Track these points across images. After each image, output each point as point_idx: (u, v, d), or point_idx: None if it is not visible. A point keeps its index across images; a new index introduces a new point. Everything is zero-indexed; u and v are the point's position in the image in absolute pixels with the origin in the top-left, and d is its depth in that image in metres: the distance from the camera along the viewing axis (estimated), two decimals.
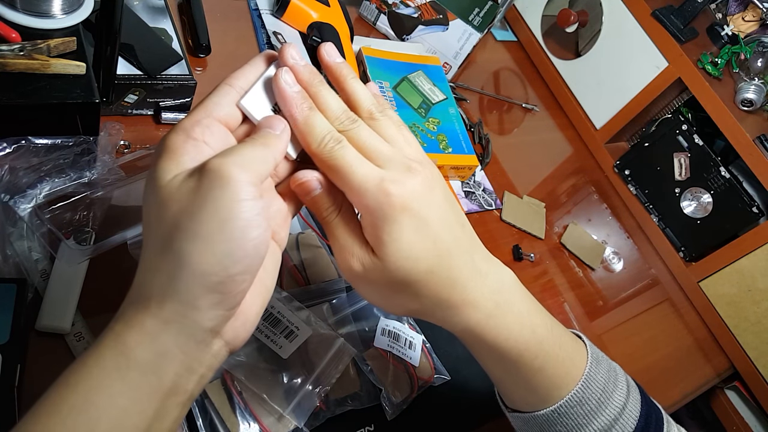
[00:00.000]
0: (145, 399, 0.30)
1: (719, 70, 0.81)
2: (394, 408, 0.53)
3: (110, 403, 0.30)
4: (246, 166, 0.31)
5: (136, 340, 0.30)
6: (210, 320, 0.31)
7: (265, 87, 0.35)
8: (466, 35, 0.86)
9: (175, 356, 0.31)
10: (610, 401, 0.43)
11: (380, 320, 0.57)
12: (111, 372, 0.30)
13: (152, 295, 0.31)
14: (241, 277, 0.31)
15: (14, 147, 0.49)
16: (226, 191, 0.30)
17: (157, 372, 0.31)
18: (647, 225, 0.90)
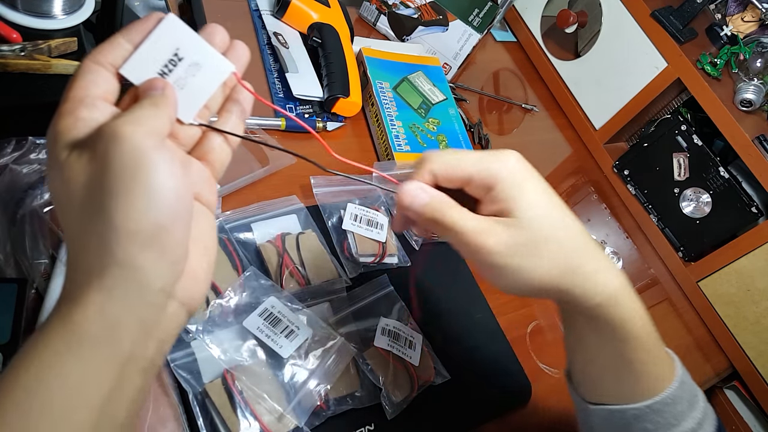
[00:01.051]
0: (100, 371, 0.30)
1: (718, 71, 0.81)
2: (394, 407, 0.53)
3: (63, 381, 0.29)
4: (138, 122, 0.31)
5: (83, 316, 0.30)
6: (157, 278, 0.31)
7: (147, 52, 0.34)
8: (466, 36, 0.86)
9: (127, 324, 0.31)
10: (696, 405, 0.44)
11: (380, 320, 0.57)
12: (61, 351, 0.30)
13: (90, 269, 0.30)
14: (172, 228, 0.31)
15: (15, 147, 0.49)
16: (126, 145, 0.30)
17: (111, 342, 0.30)
18: (646, 225, 0.90)
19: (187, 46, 0.34)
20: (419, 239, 0.67)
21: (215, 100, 0.38)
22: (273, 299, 0.52)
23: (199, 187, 0.36)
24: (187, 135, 0.37)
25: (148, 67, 0.34)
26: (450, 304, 0.64)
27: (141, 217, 0.30)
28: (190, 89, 0.35)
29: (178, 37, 0.34)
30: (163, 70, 0.34)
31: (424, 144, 0.74)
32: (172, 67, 0.34)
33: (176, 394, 0.48)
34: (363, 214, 0.64)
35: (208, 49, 0.35)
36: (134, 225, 0.29)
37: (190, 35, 0.34)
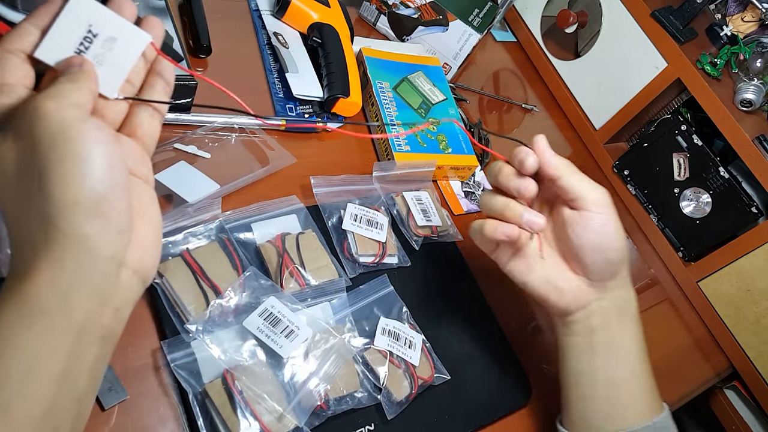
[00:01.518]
0: (55, 341, 0.30)
1: (718, 71, 0.81)
2: (394, 408, 0.53)
3: (19, 353, 0.30)
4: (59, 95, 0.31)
5: (35, 288, 0.30)
6: (105, 246, 0.32)
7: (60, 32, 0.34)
8: (466, 36, 0.86)
9: (80, 292, 0.31)
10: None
11: (380, 320, 0.57)
12: (14, 324, 0.30)
13: (36, 244, 0.31)
14: (111, 196, 0.31)
15: None
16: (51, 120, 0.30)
17: (64, 312, 0.31)
18: (646, 225, 0.90)
19: (100, 22, 0.34)
20: (419, 239, 0.67)
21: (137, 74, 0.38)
22: (273, 299, 0.53)
23: (132, 163, 0.36)
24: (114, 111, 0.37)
25: (62, 47, 0.34)
26: (450, 304, 0.64)
27: (78, 186, 0.30)
28: (110, 64, 0.35)
29: (89, 13, 0.34)
30: (79, 48, 0.34)
31: (424, 144, 0.74)
32: (88, 45, 0.34)
33: (176, 394, 0.48)
34: (363, 214, 0.64)
35: (123, 22, 0.35)
36: (73, 195, 0.30)
37: (102, 10, 0.34)
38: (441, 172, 0.76)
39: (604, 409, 0.51)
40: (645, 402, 0.51)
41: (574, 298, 0.51)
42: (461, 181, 0.79)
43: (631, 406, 0.51)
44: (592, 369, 0.51)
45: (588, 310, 0.51)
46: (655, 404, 0.52)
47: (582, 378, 0.52)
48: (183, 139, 0.61)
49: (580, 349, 0.52)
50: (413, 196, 0.69)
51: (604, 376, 0.51)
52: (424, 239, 0.67)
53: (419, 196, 0.70)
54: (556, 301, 0.52)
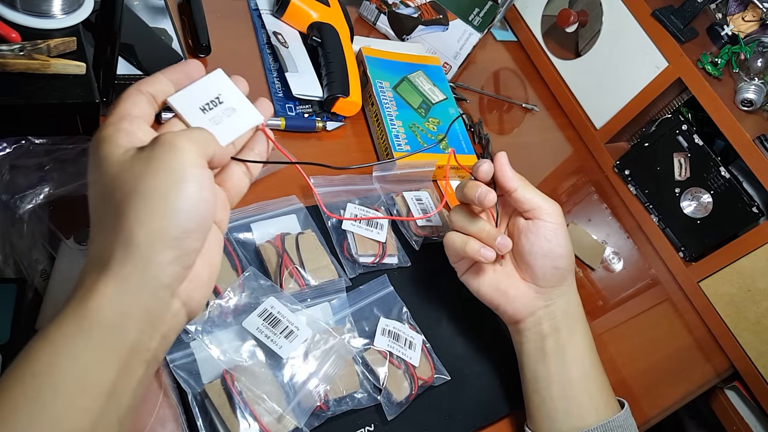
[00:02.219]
0: (108, 357, 0.32)
1: (719, 70, 0.81)
2: (394, 408, 0.53)
3: (73, 363, 0.31)
4: (194, 141, 0.35)
5: (98, 302, 0.32)
6: (168, 276, 0.34)
7: (195, 91, 0.40)
8: (466, 35, 0.86)
9: (137, 314, 0.33)
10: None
11: (380, 320, 0.57)
12: (74, 336, 0.31)
13: (112, 257, 0.33)
14: (195, 235, 0.35)
15: (14, 147, 0.49)
16: (179, 156, 0.34)
17: (120, 330, 0.32)
18: (647, 225, 0.90)
19: (227, 94, 0.41)
20: (419, 239, 0.67)
21: (241, 139, 0.43)
22: (272, 300, 0.52)
23: None
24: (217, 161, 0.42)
25: (193, 102, 0.40)
26: (450, 305, 0.64)
27: (172, 218, 0.33)
28: (224, 127, 0.41)
29: (222, 85, 0.41)
30: (205, 107, 0.40)
31: (424, 144, 0.74)
32: (212, 107, 0.41)
33: (175, 395, 0.48)
34: (363, 214, 0.64)
35: (245, 101, 0.42)
36: (164, 223, 0.33)
37: (232, 87, 0.42)
38: (441, 172, 0.75)
39: (563, 409, 0.54)
40: (602, 400, 0.55)
41: (523, 305, 0.56)
42: (461, 181, 0.79)
43: (589, 404, 0.54)
44: (547, 372, 0.55)
45: (536, 316, 0.56)
46: (611, 403, 0.56)
47: (539, 382, 0.56)
48: None
49: (533, 354, 0.56)
50: (413, 196, 0.69)
51: (558, 379, 0.54)
52: (424, 239, 0.67)
53: (419, 196, 0.69)
54: (506, 307, 0.57)
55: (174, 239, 0.33)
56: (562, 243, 0.55)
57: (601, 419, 0.53)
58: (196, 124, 0.40)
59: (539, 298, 0.56)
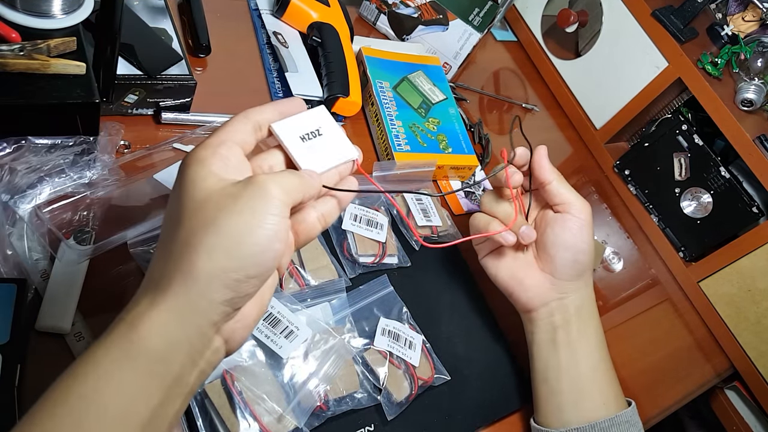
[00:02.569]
0: (152, 387, 0.32)
1: (719, 70, 0.81)
2: (394, 408, 0.53)
3: (119, 390, 0.31)
4: (285, 188, 0.35)
5: (148, 329, 0.32)
6: (217, 314, 0.34)
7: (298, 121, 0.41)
8: (466, 35, 0.86)
9: (183, 347, 0.33)
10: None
11: (380, 320, 0.57)
12: (121, 361, 0.31)
13: (170, 285, 0.33)
14: (255, 281, 0.34)
15: (14, 147, 0.49)
16: (266, 203, 0.34)
17: (166, 361, 0.32)
18: (647, 225, 0.90)
19: (327, 129, 0.42)
20: None
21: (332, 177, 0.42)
22: (273, 299, 0.52)
23: None
24: None
25: (294, 131, 0.41)
26: (450, 305, 0.64)
27: (238, 262, 0.33)
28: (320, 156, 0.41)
29: (324, 120, 0.43)
30: (305, 136, 0.41)
31: (424, 144, 0.74)
32: (312, 137, 0.42)
33: None
34: (363, 214, 0.64)
35: (343, 137, 0.43)
36: (229, 265, 0.33)
37: (333, 123, 0.43)
38: (441, 172, 0.75)
39: (572, 401, 0.55)
40: (611, 395, 0.55)
41: (536, 295, 0.57)
42: (461, 181, 0.79)
43: (599, 398, 0.55)
44: (557, 364, 0.56)
45: (549, 307, 0.57)
46: (620, 400, 0.56)
47: (549, 373, 0.56)
48: (182, 138, 0.61)
49: (544, 344, 0.57)
50: (413, 196, 0.69)
51: (568, 370, 0.55)
52: (423, 239, 0.67)
53: (419, 196, 0.69)
54: (519, 295, 0.58)
55: (234, 281, 0.33)
56: (585, 239, 0.56)
57: (610, 413, 0.54)
58: (295, 150, 0.40)
59: (554, 290, 0.57)
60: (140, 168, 0.57)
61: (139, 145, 0.59)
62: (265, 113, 0.40)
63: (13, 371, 0.42)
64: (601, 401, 0.55)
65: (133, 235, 0.51)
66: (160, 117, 0.61)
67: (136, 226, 0.51)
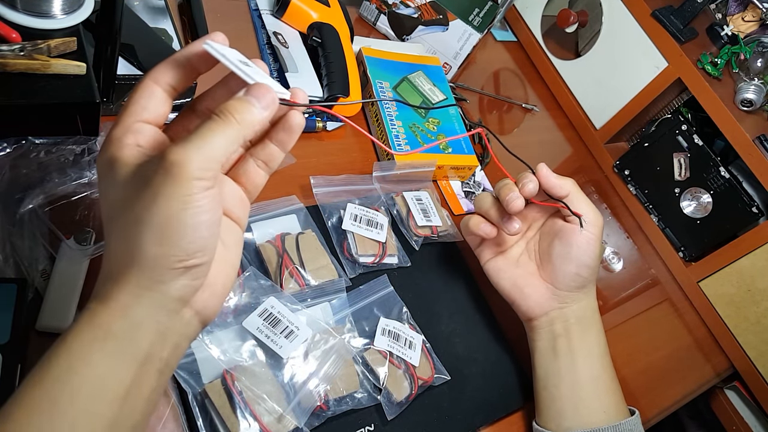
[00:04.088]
0: (122, 366, 0.33)
1: (719, 70, 0.81)
2: (394, 408, 0.53)
3: (90, 371, 0.32)
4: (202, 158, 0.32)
5: (111, 314, 0.33)
6: (177, 290, 0.34)
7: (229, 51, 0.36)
8: (466, 35, 0.86)
9: (148, 326, 0.34)
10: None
11: (380, 320, 0.57)
12: (90, 343, 0.33)
13: (123, 273, 0.33)
14: (199, 254, 0.34)
15: (14, 147, 0.49)
16: (177, 187, 0.32)
17: (133, 341, 0.33)
18: (647, 225, 0.90)
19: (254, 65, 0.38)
20: (419, 239, 0.67)
21: None
22: (273, 299, 0.52)
23: (230, 205, 0.39)
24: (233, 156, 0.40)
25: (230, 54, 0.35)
26: (450, 304, 0.64)
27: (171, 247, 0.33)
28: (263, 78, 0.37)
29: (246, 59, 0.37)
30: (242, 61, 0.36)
31: (424, 144, 0.74)
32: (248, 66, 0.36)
33: (176, 395, 0.48)
34: (363, 214, 0.64)
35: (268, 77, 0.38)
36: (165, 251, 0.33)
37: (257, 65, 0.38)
38: (441, 172, 0.75)
39: (572, 407, 0.55)
40: (611, 404, 0.56)
41: (537, 304, 0.58)
42: (461, 181, 0.79)
43: (598, 407, 0.55)
44: (557, 371, 0.56)
45: (550, 317, 0.58)
46: (621, 408, 0.56)
47: (549, 380, 0.57)
48: None
49: (545, 352, 0.58)
50: (413, 196, 0.69)
51: (568, 378, 0.55)
52: (424, 239, 0.67)
53: (419, 196, 0.69)
54: (520, 303, 0.59)
55: (177, 262, 0.33)
56: (591, 255, 0.56)
57: (611, 421, 0.54)
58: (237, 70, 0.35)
59: (554, 300, 0.57)
60: None
61: None
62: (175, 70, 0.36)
63: (13, 371, 0.42)
64: (600, 410, 0.55)
65: None
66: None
67: None
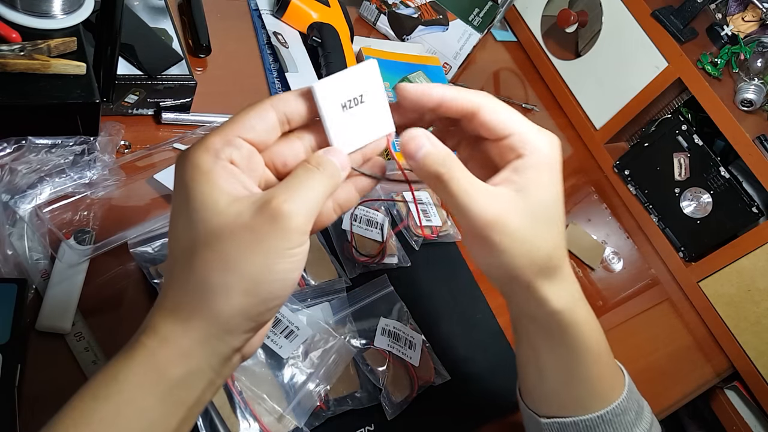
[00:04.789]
0: (173, 411, 0.32)
1: (719, 70, 0.81)
2: (394, 408, 0.53)
3: (140, 416, 0.31)
4: (304, 212, 0.31)
5: (169, 358, 0.31)
6: (240, 341, 0.33)
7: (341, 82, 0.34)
8: (466, 35, 0.86)
9: (205, 374, 0.32)
10: (643, 415, 0.46)
11: (380, 320, 0.57)
12: (144, 386, 0.31)
13: (193, 315, 0.31)
14: (276, 308, 0.33)
15: (14, 147, 0.49)
16: (283, 240, 0.30)
17: (188, 388, 0.32)
18: (647, 225, 0.90)
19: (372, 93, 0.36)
20: (419, 239, 0.67)
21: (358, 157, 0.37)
22: None
23: None
24: None
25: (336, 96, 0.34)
26: (450, 304, 0.64)
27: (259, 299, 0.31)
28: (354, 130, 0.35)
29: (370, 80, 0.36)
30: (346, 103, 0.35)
31: None
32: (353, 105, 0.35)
33: None
34: (363, 214, 0.64)
35: (386, 103, 0.36)
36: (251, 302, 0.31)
37: (380, 85, 0.36)
38: None
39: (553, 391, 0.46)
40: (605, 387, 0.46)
41: None
42: None
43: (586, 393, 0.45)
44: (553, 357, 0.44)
45: None
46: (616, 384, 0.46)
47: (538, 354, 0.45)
48: (182, 138, 0.61)
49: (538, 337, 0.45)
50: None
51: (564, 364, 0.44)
52: (424, 239, 0.67)
53: (419, 196, 0.69)
54: None
55: (256, 315, 0.32)
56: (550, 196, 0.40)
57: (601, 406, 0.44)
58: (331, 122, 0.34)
59: None
60: (140, 168, 0.57)
61: (139, 145, 0.59)
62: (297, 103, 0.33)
63: (13, 371, 0.42)
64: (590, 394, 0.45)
65: (133, 235, 0.51)
66: (160, 117, 0.61)
67: (136, 226, 0.51)
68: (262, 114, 0.33)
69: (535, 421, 0.46)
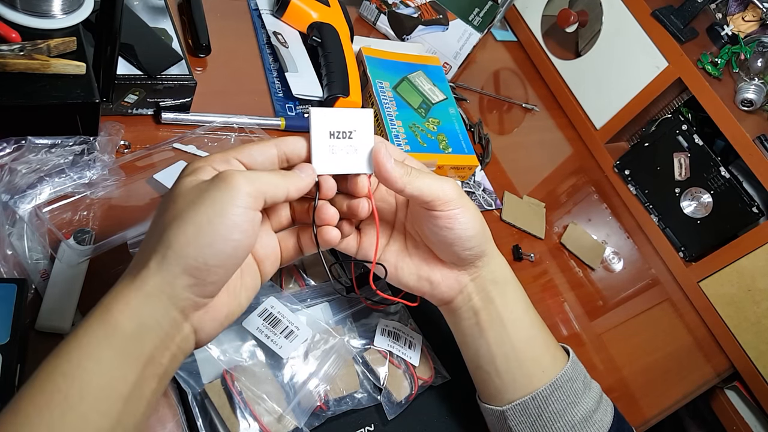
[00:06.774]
0: (127, 365, 0.34)
1: (719, 70, 0.81)
2: (394, 408, 0.53)
3: (99, 368, 0.33)
4: (253, 181, 0.36)
5: (121, 311, 0.35)
6: (182, 300, 0.36)
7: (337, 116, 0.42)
8: (466, 35, 0.86)
9: (152, 328, 0.35)
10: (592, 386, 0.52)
11: (380, 320, 0.57)
12: (100, 339, 0.34)
13: (141, 271, 0.35)
14: (215, 270, 0.36)
15: (14, 147, 0.49)
16: (225, 193, 0.35)
17: (139, 341, 0.35)
18: (647, 225, 0.90)
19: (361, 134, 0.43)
20: None
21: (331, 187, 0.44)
22: (273, 299, 0.52)
23: (262, 254, 0.43)
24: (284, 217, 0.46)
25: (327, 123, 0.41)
26: None
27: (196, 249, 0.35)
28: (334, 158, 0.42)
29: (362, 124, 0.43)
30: (334, 132, 0.42)
31: (424, 144, 0.74)
32: (340, 137, 0.42)
33: (175, 395, 0.48)
34: None
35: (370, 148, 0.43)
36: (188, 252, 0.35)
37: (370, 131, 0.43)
38: (441, 172, 0.75)
39: (510, 379, 0.51)
40: (547, 359, 0.51)
41: (449, 287, 0.52)
42: (461, 180, 0.79)
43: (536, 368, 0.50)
44: (487, 347, 0.51)
45: (466, 293, 0.52)
46: (558, 357, 0.52)
47: (481, 358, 0.52)
48: (182, 138, 0.61)
49: (470, 331, 0.52)
50: None
51: (499, 351, 0.51)
52: None
53: None
54: (433, 292, 0.52)
55: (193, 268, 0.35)
56: (466, 225, 0.47)
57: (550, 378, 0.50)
58: (316, 142, 0.41)
59: (463, 275, 0.51)
60: (140, 168, 0.57)
61: (139, 145, 0.59)
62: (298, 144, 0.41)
63: (12, 371, 0.42)
64: (539, 369, 0.50)
65: (133, 235, 0.51)
66: (160, 117, 0.61)
67: (136, 226, 0.51)
68: (264, 149, 0.40)
69: (498, 414, 0.51)
